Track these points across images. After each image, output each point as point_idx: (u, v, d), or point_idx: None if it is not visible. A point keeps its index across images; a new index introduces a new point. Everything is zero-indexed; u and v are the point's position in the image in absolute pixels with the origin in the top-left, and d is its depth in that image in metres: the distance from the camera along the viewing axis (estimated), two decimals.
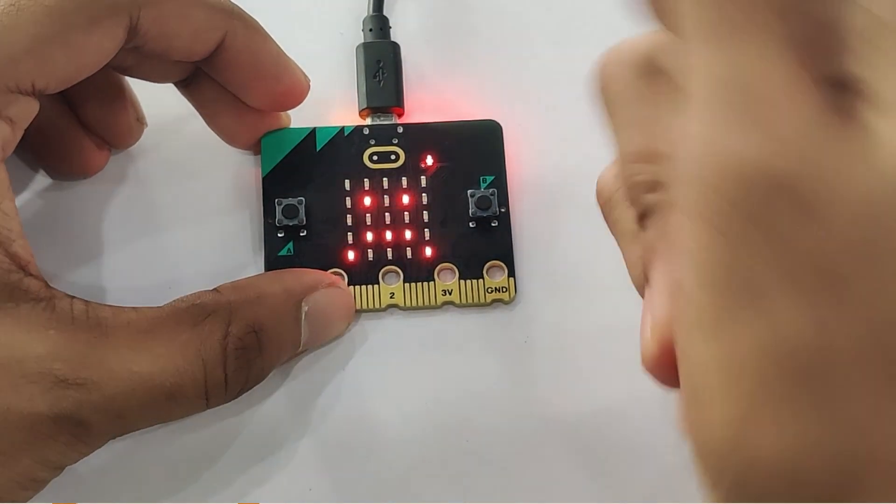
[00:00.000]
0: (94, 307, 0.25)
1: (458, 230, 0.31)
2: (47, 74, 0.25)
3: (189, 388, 0.25)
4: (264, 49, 0.29)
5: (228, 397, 0.26)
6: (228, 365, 0.26)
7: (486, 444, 0.29)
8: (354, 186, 0.31)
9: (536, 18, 0.35)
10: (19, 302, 0.24)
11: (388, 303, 0.31)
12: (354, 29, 0.35)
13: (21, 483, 0.23)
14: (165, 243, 0.31)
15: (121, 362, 0.24)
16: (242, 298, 0.27)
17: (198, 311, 0.26)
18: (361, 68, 0.33)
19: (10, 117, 0.25)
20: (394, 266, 0.31)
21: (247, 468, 0.29)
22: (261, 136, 0.32)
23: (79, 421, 0.23)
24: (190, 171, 0.32)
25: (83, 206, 0.32)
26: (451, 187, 0.32)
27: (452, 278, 0.31)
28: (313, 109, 0.32)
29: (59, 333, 0.24)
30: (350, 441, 0.29)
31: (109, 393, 0.24)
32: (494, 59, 0.35)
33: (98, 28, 0.25)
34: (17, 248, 0.25)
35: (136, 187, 0.32)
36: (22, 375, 0.23)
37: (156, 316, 0.25)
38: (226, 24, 0.28)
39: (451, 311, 0.31)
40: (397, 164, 0.32)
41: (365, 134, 0.32)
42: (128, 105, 0.31)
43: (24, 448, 0.23)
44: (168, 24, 0.27)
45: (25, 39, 0.25)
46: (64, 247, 0.31)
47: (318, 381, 0.30)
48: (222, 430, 0.29)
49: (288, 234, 0.31)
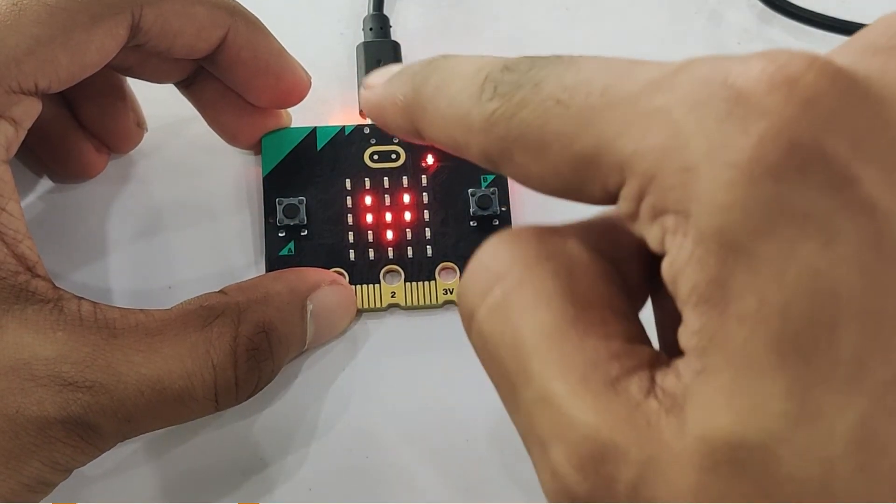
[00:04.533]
0: (102, 309, 0.24)
1: (459, 229, 0.31)
2: (50, 74, 0.25)
3: (198, 390, 0.25)
4: (266, 46, 0.29)
5: (239, 399, 0.26)
6: (239, 366, 0.26)
7: (486, 444, 0.29)
8: (355, 186, 0.31)
9: (536, 18, 0.36)
10: (27, 304, 0.24)
11: (390, 302, 0.31)
12: (355, 28, 0.35)
13: (30, 485, 0.23)
14: (166, 243, 0.31)
15: (129, 365, 0.24)
16: (250, 299, 0.27)
17: (206, 312, 0.26)
18: (362, 68, 0.33)
19: (14, 117, 0.25)
20: (395, 265, 0.31)
21: (247, 468, 0.29)
22: (262, 136, 0.32)
23: (87, 424, 0.23)
24: (191, 172, 0.32)
25: (83, 207, 0.32)
26: (451, 186, 0.32)
27: (453, 277, 0.31)
28: (314, 109, 0.32)
29: (67, 335, 0.23)
30: (350, 441, 0.29)
31: (118, 396, 0.24)
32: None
33: (100, 27, 0.25)
34: (24, 249, 0.24)
35: (136, 188, 0.32)
36: (31, 378, 0.23)
37: (164, 318, 0.25)
38: (228, 22, 0.28)
39: (453, 310, 0.31)
40: (398, 163, 0.32)
41: (365, 133, 0.32)
42: (128, 109, 0.31)
43: (33, 451, 0.23)
44: (170, 21, 0.27)
45: (27, 39, 0.24)
46: (64, 248, 0.31)
47: (319, 381, 0.30)
48: (222, 431, 0.29)
49: (289, 234, 0.31)
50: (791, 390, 0.15)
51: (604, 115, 0.17)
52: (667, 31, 0.35)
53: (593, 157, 0.17)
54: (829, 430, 0.15)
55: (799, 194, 0.15)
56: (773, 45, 0.35)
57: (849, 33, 0.34)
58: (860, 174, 0.15)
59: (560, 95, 0.17)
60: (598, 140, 0.17)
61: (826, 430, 0.15)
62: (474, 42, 0.35)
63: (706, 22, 0.36)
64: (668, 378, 0.16)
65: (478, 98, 0.19)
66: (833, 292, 0.15)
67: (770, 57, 0.16)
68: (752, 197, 0.15)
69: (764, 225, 0.15)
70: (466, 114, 0.19)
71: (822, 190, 0.15)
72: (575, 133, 0.17)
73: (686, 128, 0.16)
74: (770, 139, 0.15)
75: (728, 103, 0.15)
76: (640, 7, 0.36)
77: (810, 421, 0.15)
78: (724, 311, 0.15)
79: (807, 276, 0.15)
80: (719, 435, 0.15)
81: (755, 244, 0.15)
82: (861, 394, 0.15)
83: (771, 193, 0.15)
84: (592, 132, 0.17)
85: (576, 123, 0.17)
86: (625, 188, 0.17)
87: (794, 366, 0.15)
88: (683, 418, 0.15)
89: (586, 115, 0.17)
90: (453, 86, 0.20)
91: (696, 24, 0.36)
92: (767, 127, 0.15)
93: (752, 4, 0.36)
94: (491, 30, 0.35)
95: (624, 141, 0.16)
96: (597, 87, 0.17)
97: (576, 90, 0.17)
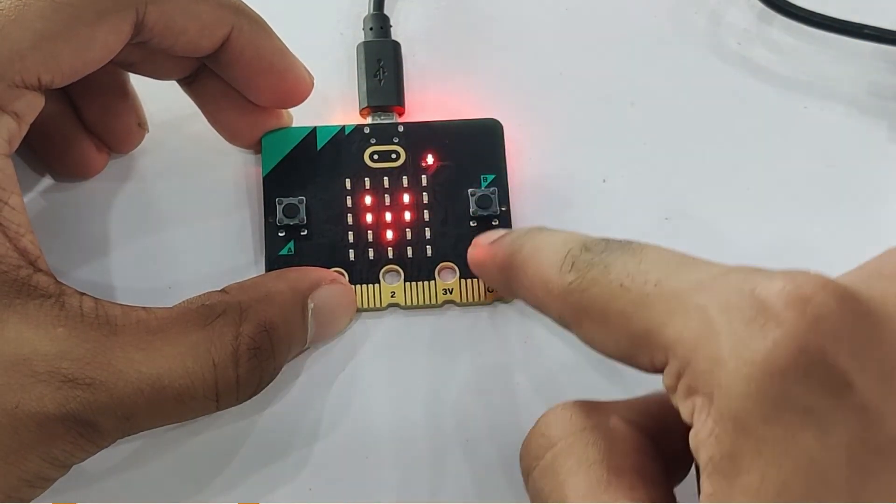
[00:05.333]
0: (103, 305, 0.24)
1: (458, 229, 0.31)
2: (53, 69, 0.25)
3: (198, 389, 0.25)
4: (269, 45, 0.29)
5: (240, 398, 0.26)
6: (241, 366, 0.25)
7: (486, 444, 0.29)
8: (355, 185, 0.31)
9: (536, 17, 0.36)
10: (28, 299, 0.23)
11: (389, 302, 0.30)
12: (355, 28, 0.35)
13: (29, 481, 0.23)
14: (166, 242, 0.31)
15: (129, 363, 0.24)
16: (251, 298, 0.27)
17: (208, 311, 0.25)
18: (362, 67, 0.33)
19: (16, 112, 0.25)
20: (394, 265, 0.31)
21: (246, 468, 0.29)
22: (262, 136, 0.32)
23: (87, 421, 0.23)
24: (191, 171, 0.32)
25: (83, 205, 0.31)
26: (451, 186, 0.32)
27: (453, 277, 0.31)
28: (314, 108, 0.32)
29: (68, 332, 0.23)
30: (350, 441, 0.29)
31: (117, 394, 0.23)
32: (495, 57, 0.35)
33: (104, 23, 0.25)
34: (27, 243, 0.24)
35: (136, 186, 0.32)
36: (31, 374, 0.23)
37: (166, 316, 0.25)
38: (231, 20, 0.28)
39: (452, 310, 0.31)
40: (398, 163, 0.32)
41: (366, 133, 0.32)
42: (130, 108, 0.31)
43: (32, 446, 0.23)
44: (174, 19, 0.27)
45: (31, 34, 0.24)
46: (64, 246, 0.31)
47: (319, 380, 0.30)
48: (222, 431, 0.29)
49: (289, 234, 0.31)
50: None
51: (656, 303, 0.21)
52: (667, 31, 0.35)
53: (645, 337, 0.21)
54: None
55: (803, 392, 0.18)
56: (774, 45, 0.35)
57: (849, 33, 0.34)
58: (856, 380, 0.18)
59: (624, 280, 0.21)
60: (650, 324, 0.21)
61: None
62: (474, 42, 0.35)
63: (706, 22, 0.36)
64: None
65: (559, 270, 0.23)
66: (823, 477, 0.18)
67: (790, 276, 0.19)
68: (763, 390, 0.18)
69: (771, 414, 0.18)
70: (549, 280, 0.23)
71: (822, 390, 0.18)
72: (633, 314, 0.21)
73: (718, 326, 0.19)
74: (783, 345, 0.18)
75: (753, 311, 0.19)
76: (640, 7, 0.36)
77: None
78: (733, 482, 0.18)
79: (803, 460, 0.18)
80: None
81: (762, 429, 0.18)
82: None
83: (779, 389, 0.18)
84: (645, 316, 0.21)
85: (634, 306, 0.21)
86: (667, 367, 0.20)
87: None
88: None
89: (642, 301, 0.21)
90: (543, 254, 0.24)
91: (696, 24, 0.36)
92: (782, 335, 0.18)
93: (752, 4, 0.36)
94: (491, 30, 0.35)
95: (669, 329, 0.20)
96: (653, 277, 0.21)
97: (636, 278, 0.21)
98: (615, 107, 0.34)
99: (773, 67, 0.35)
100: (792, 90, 0.35)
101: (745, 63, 0.35)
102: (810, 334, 0.18)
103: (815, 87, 0.35)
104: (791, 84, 0.35)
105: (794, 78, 0.35)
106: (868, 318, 0.19)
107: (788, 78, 0.35)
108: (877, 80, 0.35)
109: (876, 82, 0.35)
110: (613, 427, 0.22)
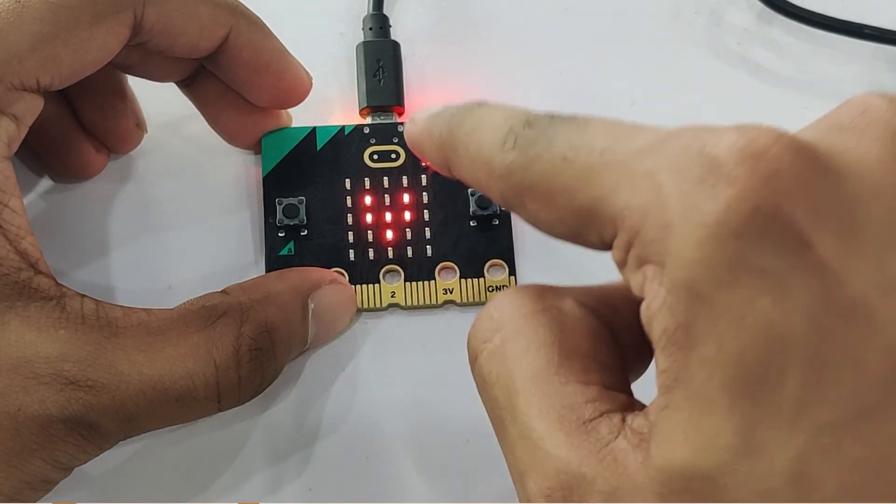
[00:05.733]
0: (104, 307, 0.24)
1: (458, 229, 0.31)
2: (52, 71, 0.25)
3: (200, 390, 0.25)
4: (268, 46, 0.29)
5: (242, 399, 0.26)
6: (242, 367, 0.25)
7: (486, 444, 0.29)
8: (355, 185, 0.31)
9: (536, 17, 0.36)
10: (29, 301, 0.23)
11: (389, 302, 0.31)
12: (354, 28, 0.35)
13: (31, 483, 0.23)
14: (165, 243, 0.31)
15: (130, 364, 0.24)
16: (252, 299, 0.27)
17: (208, 312, 0.26)
18: (362, 67, 0.33)
19: (15, 114, 0.25)
20: (395, 265, 0.31)
21: (246, 468, 0.29)
22: (261, 136, 0.32)
23: (88, 423, 0.23)
24: (190, 171, 0.32)
25: (82, 206, 0.31)
26: (451, 186, 0.31)
27: (453, 277, 0.31)
28: (313, 109, 0.32)
29: (69, 334, 0.23)
30: (350, 441, 0.29)
31: (119, 396, 0.24)
32: (495, 57, 0.35)
33: (103, 24, 0.25)
34: (27, 245, 0.24)
35: (136, 187, 0.32)
36: (32, 376, 0.23)
37: (166, 317, 0.25)
38: (230, 21, 0.28)
39: (453, 310, 0.31)
40: (398, 162, 0.32)
41: (365, 133, 0.32)
42: (128, 109, 0.31)
43: (34, 449, 0.23)
44: (172, 20, 0.27)
45: (30, 36, 0.24)
46: (63, 247, 0.31)
47: (319, 381, 0.30)
48: (222, 432, 0.29)
49: (289, 234, 0.31)
50: (738, 427, 0.17)
51: (602, 173, 0.19)
52: (667, 31, 0.35)
53: (592, 210, 0.19)
54: (769, 465, 0.17)
55: (758, 254, 0.17)
56: (774, 45, 0.35)
57: (849, 33, 0.34)
58: (814, 238, 0.17)
59: (567, 153, 0.20)
60: (596, 196, 0.19)
61: (766, 464, 0.17)
62: (474, 42, 0.35)
63: (706, 22, 0.36)
64: (638, 419, 0.18)
65: (500, 147, 0.21)
66: (782, 342, 0.17)
67: (742, 131, 0.18)
68: (716, 254, 0.17)
69: (726, 279, 0.17)
70: (490, 160, 0.21)
71: (779, 251, 0.17)
72: (577, 188, 0.19)
73: (666, 189, 0.18)
74: (735, 204, 0.17)
75: (703, 170, 0.17)
76: (640, 7, 0.36)
77: (753, 455, 0.17)
78: (688, 353, 0.17)
79: (760, 326, 0.17)
80: (676, 466, 0.17)
81: (718, 295, 0.17)
82: (800, 432, 0.17)
83: (733, 252, 0.17)
84: (591, 188, 0.19)
85: (578, 180, 0.19)
86: (616, 239, 0.19)
87: (744, 406, 0.17)
88: (648, 452, 0.18)
89: (588, 172, 0.19)
90: (482, 132, 0.22)
91: (696, 24, 0.36)
92: (734, 194, 0.17)
93: (752, 4, 0.36)
94: (491, 30, 0.35)
95: (616, 198, 0.18)
96: (597, 147, 0.19)
97: (580, 149, 0.19)
98: (615, 107, 0.34)
99: (773, 67, 0.35)
100: (792, 90, 0.35)
101: (745, 63, 0.35)
102: (764, 191, 0.17)
103: (815, 87, 0.35)
104: (791, 84, 0.35)
105: (794, 78, 0.35)
106: (826, 173, 0.18)
107: (788, 78, 0.35)
108: (877, 80, 0.35)
109: (876, 82, 0.35)
110: (567, 310, 0.21)
